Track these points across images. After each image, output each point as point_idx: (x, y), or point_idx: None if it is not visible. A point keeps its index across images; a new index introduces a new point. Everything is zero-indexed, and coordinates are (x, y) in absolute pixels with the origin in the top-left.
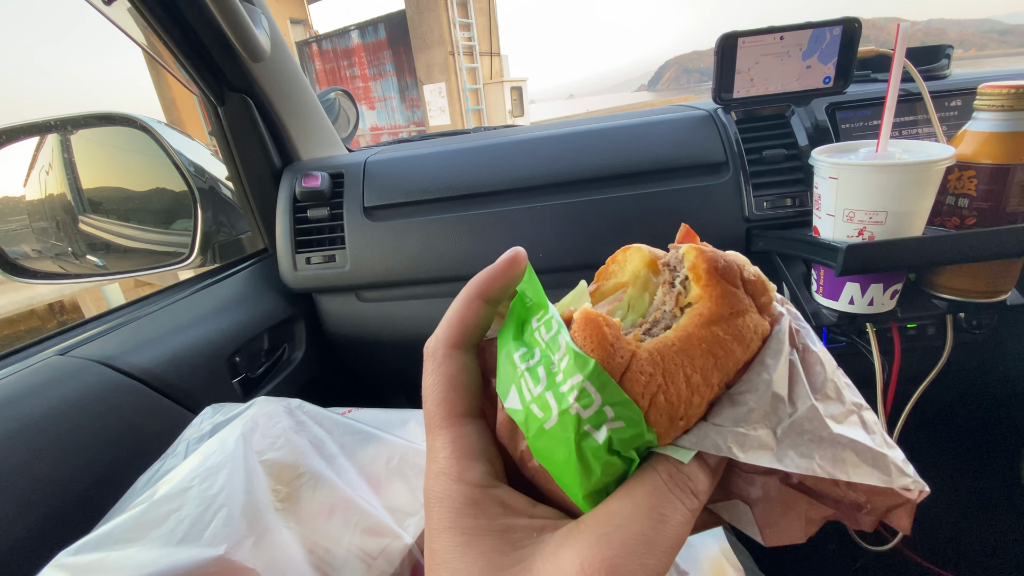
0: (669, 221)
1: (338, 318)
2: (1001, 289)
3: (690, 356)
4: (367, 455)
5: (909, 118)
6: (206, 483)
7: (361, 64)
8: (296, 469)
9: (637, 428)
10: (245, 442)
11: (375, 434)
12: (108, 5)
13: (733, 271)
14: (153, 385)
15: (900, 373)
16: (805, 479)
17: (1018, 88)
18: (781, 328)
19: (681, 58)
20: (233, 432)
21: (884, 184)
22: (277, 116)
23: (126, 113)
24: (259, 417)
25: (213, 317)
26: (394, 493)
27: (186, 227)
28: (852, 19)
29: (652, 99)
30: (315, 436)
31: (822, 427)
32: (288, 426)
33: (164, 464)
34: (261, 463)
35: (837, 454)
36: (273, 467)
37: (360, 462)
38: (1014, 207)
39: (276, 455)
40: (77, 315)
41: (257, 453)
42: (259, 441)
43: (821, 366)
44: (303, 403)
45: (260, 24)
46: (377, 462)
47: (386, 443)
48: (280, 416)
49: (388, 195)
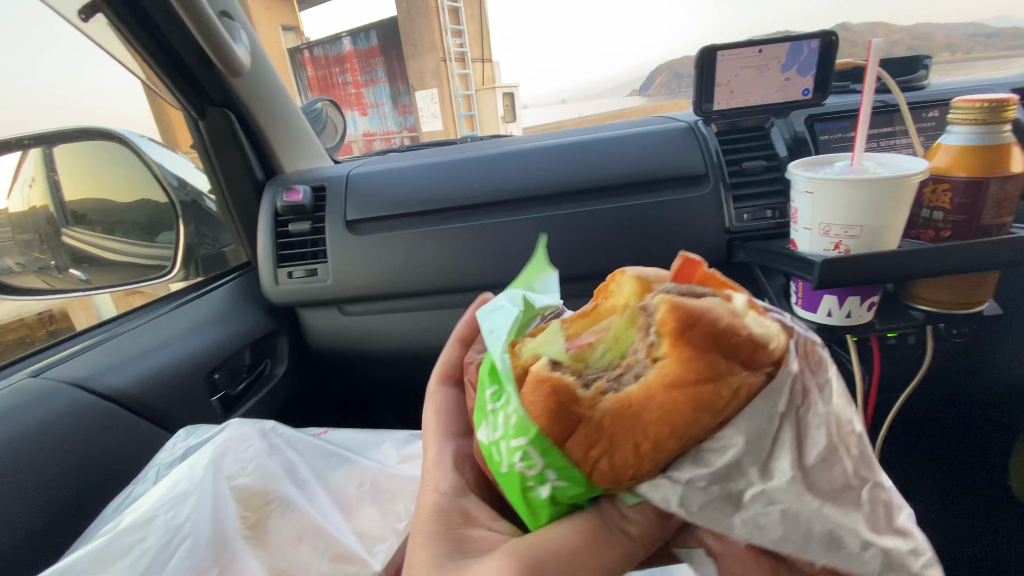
0: (651, 233)
1: (321, 332)
2: (977, 300)
3: (644, 423)
4: (339, 479)
5: (887, 129)
6: (172, 512)
7: (353, 70)
8: (266, 495)
9: (580, 488)
10: (215, 467)
11: (348, 457)
12: (85, 22)
13: (710, 334)
14: (128, 406)
15: (883, 382)
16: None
17: (991, 102)
18: (774, 386)
19: (672, 63)
20: (203, 457)
21: (858, 199)
22: (259, 129)
23: (105, 127)
24: (231, 441)
25: (193, 334)
26: (365, 518)
27: (170, 240)
28: (829, 32)
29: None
30: (287, 460)
31: (799, 501)
32: (260, 450)
33: (135, 489)
34: (230, 489)
35: (811, 532)
36: (243, 493)
37: (332, 486)
38: (988, 220)
39: (246, 480)
40: (67, 324)
41: (227, 479)
42: (230, 466)
43: (824, 431)
44: (277, 425)
45: (240, 39)
46: (349, 486)
47: (358, 466)
48: (253, 439)
49: (370, 208)
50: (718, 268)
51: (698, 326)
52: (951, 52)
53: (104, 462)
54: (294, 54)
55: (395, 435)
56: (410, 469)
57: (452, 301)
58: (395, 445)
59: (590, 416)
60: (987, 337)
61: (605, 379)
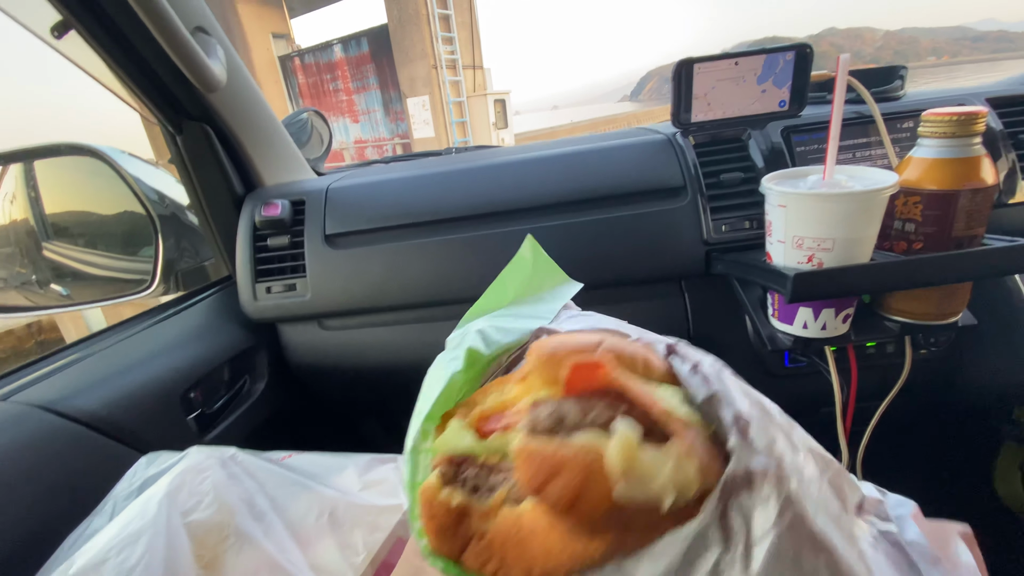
0: (631, 245)
1: (301, 347)
2: (951, 311)
3: (532, 553)
4: (298, 510)
5: (863, 140)
6: (124, 554)
7: (344, 78)
8: (222, 531)
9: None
10: (170, 502)
11: (308, 485)
12: (59, 39)
13: (563, 501)
14: (99, 428)
15: (865, 390)
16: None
17: (960, 115)
18: (676, 538)
19: (662, 69)
20: (158, 492)
21: (830, 212)
22: (238, 143)
23: (81, 143)
24: (188, 472)
25: (169, 352)
26: (322, 551)
27: (151, 253)
28: (804, 45)
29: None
30: (246, 491)
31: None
32: (219, 480)
33: (92, 523)
34: (185, 526)
35: None
36: (198, 529)
37: (290, 518)
38: (959, 232)
39: (202, 515)
40: (56, 335)
41: (182, 515)
42: (185, 500)
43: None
44: (238, 452)
45: (215, 55)
46: (308, 517)
47: (318, 495)
48: (211, 470)
49: (350, 222)
50: (697, 280)
51: (548, 489)
52: (937, 56)
53: (73, 487)
54: (285, 62)
55: (358, 459)
56: (370, 497)
57: (433, 314)
58: (358, 470)
59: (483, 532)
60: (966, 346)
61: (511, 483)
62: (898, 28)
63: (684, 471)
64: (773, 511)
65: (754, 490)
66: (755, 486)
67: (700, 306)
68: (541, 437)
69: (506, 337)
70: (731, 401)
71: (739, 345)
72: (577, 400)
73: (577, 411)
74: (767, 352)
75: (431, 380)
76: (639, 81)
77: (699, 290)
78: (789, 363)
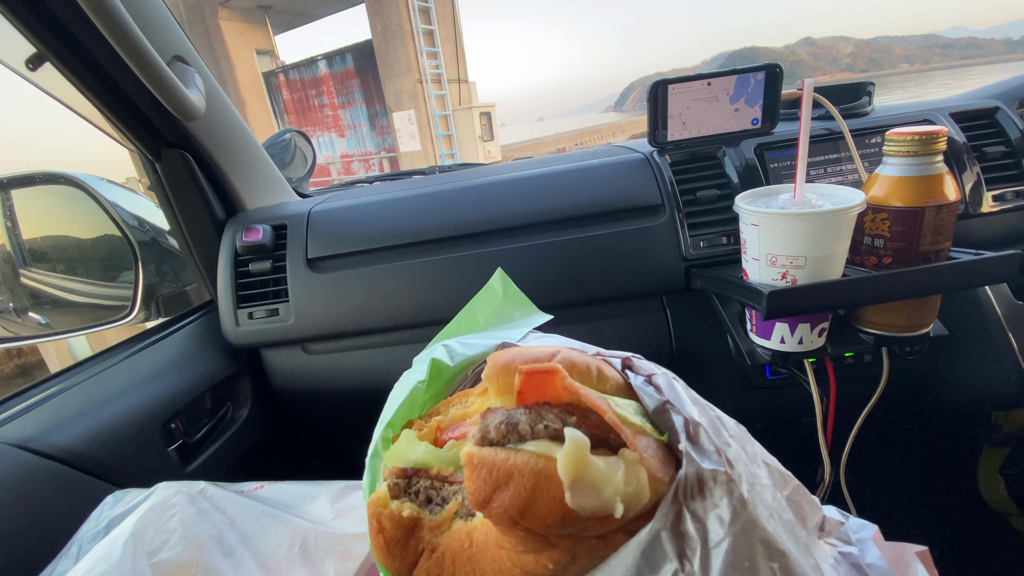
0: (612, 263)
1: (285, 372)
2: (922, 323)
3: (482, 570)
4: (268, 542)
5: (833, 155)
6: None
7: (330, 93)
8: (189, 569)
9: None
10: (135, 542)
11: (279, 516)
12: (33, 71)
13: (509, 513)
14: (77, 465)
15: (844, 400)
16: None
17: (922, 135)
18: (628, 548)
19: (645, 79)
20: (123, 532)
21: (801, 231)
22: (219, 168)
23: (57, 171)
24: (154, 511)
25: (148, 382)
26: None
27: (132, 279)
28: (774, 65)
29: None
30: (215, 526)
31: None
32: (186, 517)
33: (57, 567)
34: (152, 566)
35: None
36: (165, 569)
37: (260, 551)
38: (926, 246)
39: (169, 555)
40: (36, 358)
41: (148, 555)
42: (152, 539)
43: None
44: (207, 487)
45: (192, 84)
46: (279, 549)
47: (289, 525)
48: (178, 507)
49: (332, 245)
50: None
51: (495, 499)
52: (909, 63)
53: (50, 526)
54: (269, 78)
55: (331, 487)
56: (343, 525)
57: (418, 336)
58: (330, 498)
59: (433, 547)
60: (940, 355)
61: (463, 495)
62: (871, 37)
63: (635, 477)
64: (727, 515)
65: (706, 496)
66: (707, 490)
67: (682, 321)
68: (491, 447)
69: (470, 351)
70: (681, 408)
71: (722, 359)
72: (529, 409)
73: (528, 420)
74: (748, 365)
75: (396, 391)
76: (623, 91)
77: (680, 306)
78: (771, 375)
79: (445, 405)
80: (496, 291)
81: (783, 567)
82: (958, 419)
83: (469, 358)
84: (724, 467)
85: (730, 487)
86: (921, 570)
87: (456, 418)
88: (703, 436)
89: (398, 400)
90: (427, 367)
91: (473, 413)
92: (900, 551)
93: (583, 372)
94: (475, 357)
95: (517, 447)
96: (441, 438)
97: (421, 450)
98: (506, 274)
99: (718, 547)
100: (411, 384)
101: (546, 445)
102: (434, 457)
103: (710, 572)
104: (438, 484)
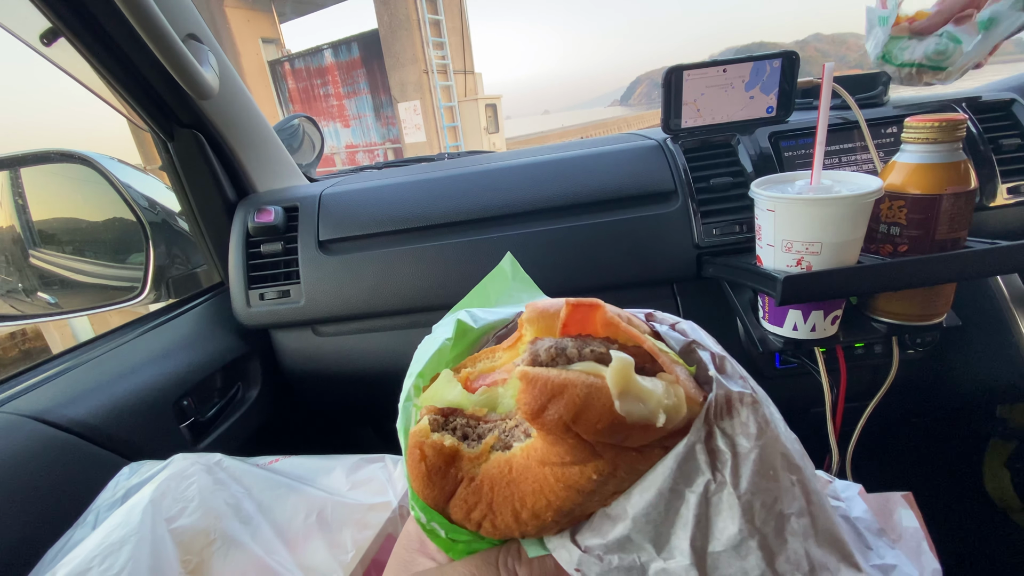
0: (623, 249)
1: (295, 354)
2: (935, 312)
3: (521, 492)
4: (285, 511)
5: (848, 145)
6: (107, 562)
7: (335, 82)
8: (208, 535)
9: (470, 538)
10: (154, 509)
11: (295, 487)
12: (48, 47)
13: (563, 420)
14: (90, 438)
15: (855, 389)
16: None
17: (942, 121)
18: (664, 463)
19: (652, 73)
20: (142, 499)
21: (817, 217)
22: (230, 150)
23: (71, 150)
24: (172, 479)
25: (161, 359)
26: (310, 551)
27: (142, 260)
28: (790, 52)
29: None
30: (232, 495)
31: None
32: (204, 486)
33: (74, 535)
34: (170, 532)
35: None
36: (183, 535)
37: (277, 520)
38: (943, 235)
39: (187, 521)
40: (41, 344)
41: (167, 521)
42: (170, 507)
43: (737, 517)
44: (224, 458)
45: (207, 62)
46: (296, 518)
47: (306, 496)
48: (196, 476)
49: (343, 228)
50: (689, 284)
51: (550, 408)
52: None
53: (63, 497)
54: (275, 66)
55: (346, 460)
56: (359, 496)
57: (427, 320)
58: (345, 471)
59: (472, 476)
60: (951, 346)
61: (499, 430)
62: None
63: (673, 393)
64: (753, 429)
65: (734, 415)
66: (734, 410)
67: (692, 310)
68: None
69: (493, 316)
70: (707, 346)
71: (731, 348)
72: (574, 338)
73: (575, 345)
74: (758, 354)
75: (424, 346)
76: (629, 85)
77: (691, 294)
78: (780, 364)
79: (472, 361)
80: (506, 273)
81: (799, 480)
82: (966, 412)
83: (491, 323)
84: (749, 390)
85: (755, 407)
86: (906, 513)
87: (484, 370)
88: (728, 367)
89: (428, 352)
90: (453, 326)
91: (501, 366)
92: (884, 500)
93: (615, 316)
94: (496, 322)
95: (566, 367)
96: (473, 385)
97: (456, 392)
98: (515, 259)
99: (747, 458)
100: (439, 340)
101: (593, 366)
102: (468, 400)
103: (740, 479)
104: (473, 422)
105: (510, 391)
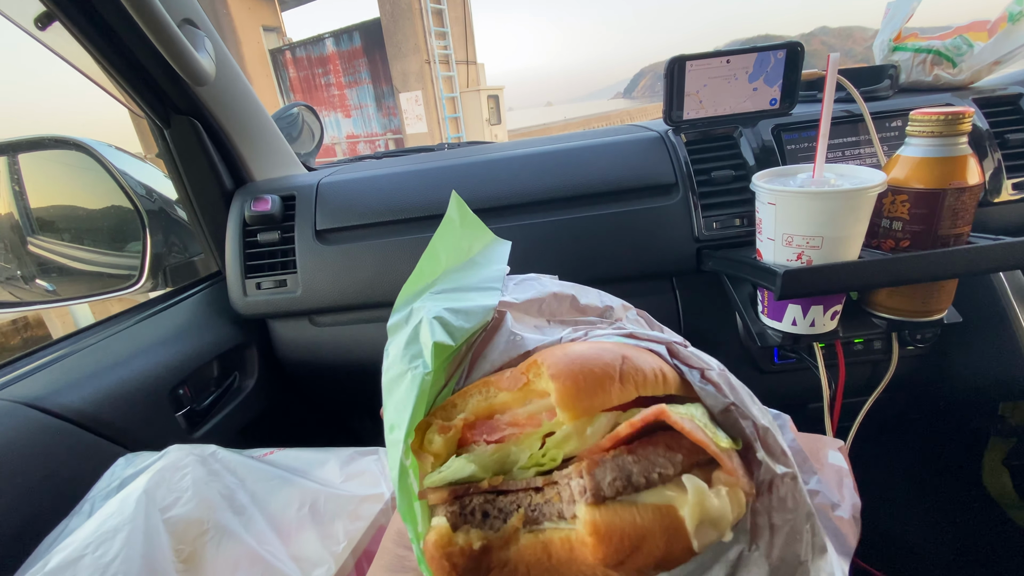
0: (623, 241)
1: (291, 344)
2: (936, 308)
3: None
4: (278, 503)
5: (852, 138)
6: (101, 549)
7: (336, 72)
8: (201, 525)
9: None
10: (148, 499)
11: (289, 479)
12: (42, 31)
13: (640, 571)
14: (85, 425)
15: (851, 386)
16: None
17: (947, 115)
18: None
19: (656, 66)
20: (136, 489)
21: (819, 210)
22: (227, 138)
23: (67, 136)
24: (167, 470)
25: (157, 348)
26: (302, 542)
27: (139, 248)
28: (795, 43)
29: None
30: (226, 486)
31: None
32: (198, 477)
33: (70, 524)
34: (164, 521)
35: None
36: (177, 524)
37: (270, 511)
38: (945, 230)
39: (181, 511)
40: (43, 332)
41: (161, 511)
42: (164, 497)
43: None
44: (218, 450)
45: (203, 48)
46: (288, 509)
47: (299, 488)
48: (190, 467)
49: (341, 218)
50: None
51: (628, 563)
52: None
53: (59, 485)
54: (276, 55)
55: (340, 453)
56: (352, 488)
57: None
58: (339, 463)
59: (504, 561)
60: (952, 343)
61: (523, 506)
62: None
63: (737, 501)
64: (790, 504)
65: (773, 491)
66: (775, 487)
67: (691, 303)
68: (608, 504)
69: (468, 322)
70: (747, 412)
71: (729, 342)
72: (634, 456)
73: (640, 471)
74: (757, 348)
75: (400, 390)
76: (632, 78)
77: (690, 287)
78: (778, 359)
79: (462, 396)
80: (454, 221)
81: (812, 526)
82: (965, 409)
83: (468, 330)
84: (792, 468)
85: (794, 483)
86: (835, 454)
87: (481, 412)
88: (771, 440)
89: (409, 404)
90: (430, 353)
91: (502, 407)
92: (816, 440)
93: (652, 382)
94: (475, 328)
95: (634, 499)
96: (472, 438)
97: (471, 469)
98: (461, 199)
99: (780, 530)
100: (418, 380)
101: (663, 495)
102: (483, 468)
103: (773, 549)
104: (491, 497)
105: (524, 450)
